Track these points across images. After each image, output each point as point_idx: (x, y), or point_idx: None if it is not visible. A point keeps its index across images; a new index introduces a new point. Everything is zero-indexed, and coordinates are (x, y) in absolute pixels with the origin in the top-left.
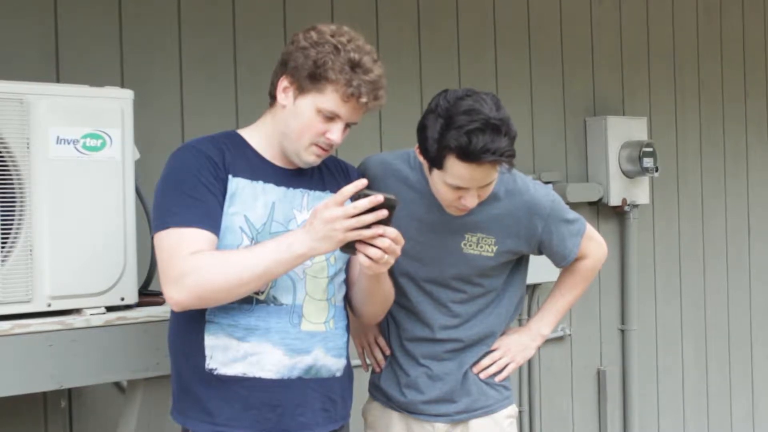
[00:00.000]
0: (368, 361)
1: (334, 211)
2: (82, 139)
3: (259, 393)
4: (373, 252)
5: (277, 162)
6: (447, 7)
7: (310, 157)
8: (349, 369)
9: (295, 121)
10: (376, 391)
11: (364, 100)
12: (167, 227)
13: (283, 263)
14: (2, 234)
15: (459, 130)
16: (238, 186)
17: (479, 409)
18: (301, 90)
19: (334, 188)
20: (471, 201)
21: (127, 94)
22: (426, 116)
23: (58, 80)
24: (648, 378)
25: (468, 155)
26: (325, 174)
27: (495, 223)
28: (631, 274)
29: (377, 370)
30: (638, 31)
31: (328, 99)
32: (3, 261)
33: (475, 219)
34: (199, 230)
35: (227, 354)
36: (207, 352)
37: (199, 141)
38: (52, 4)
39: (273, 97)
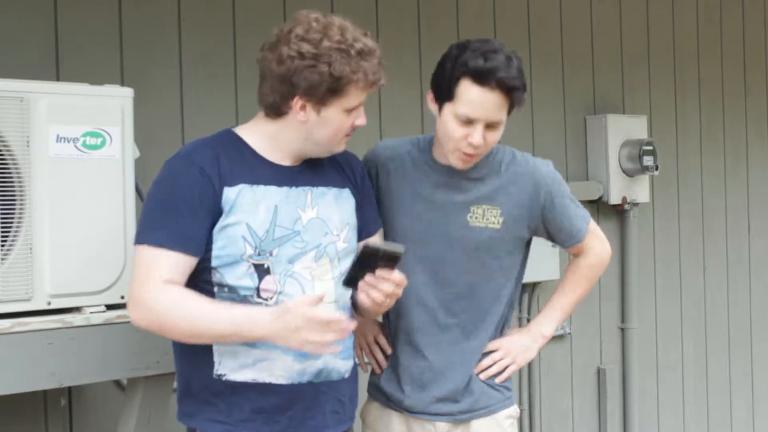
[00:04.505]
0: (366, 361)
1: (297, 320)
2: (82, 137)
3: (269, 397)
4: (375, 295)
5: (278, 160)
6: (447, 5)
7: (342, 147)
8: (355, 369)
9: (325, 129)
10: (375, 391)
11: (381, 80)
12: (141, 243)
13: (240, 337)
14: (2, 232)
15: (475, 52)
16: (238, 193)
17: (481, 408)
18: (323, 103)
19: (338, 182)
20: (477, 138)
21: (127, 93)
22: (442, 59)
23: (58, 78)
24: (648, 376)
25: (483, 74)
26: (327, 168)
27: (499, 193)
28: (631, 272)
29: (378, 371)
30: (638, 30)
31: (352, 97)
32: (3, 259)
33: (479, 192)
34: (172, 253)
35: (236, 360)
36: (216, 359)
37: (195, 148)
38: (52, 2)
39: (279, 112)
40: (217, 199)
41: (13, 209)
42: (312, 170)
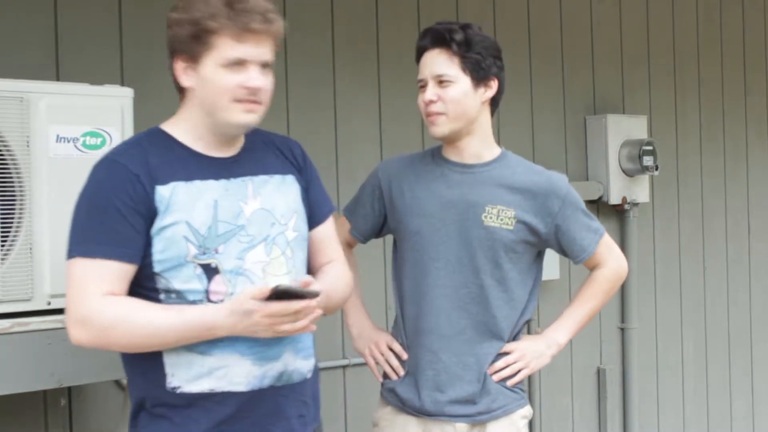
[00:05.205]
0: (376, 363)
1: (264, 320)
2: (81, 137)
3: (227, 407)
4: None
5: (212, 152)
6: (447, 6)
7: (241, 117)
8: (317, 367)
9: (209, 90)
10: (390, 395)
11: (255, 26)
12: (73, 257)
13: (199, 338)
14: (2, 232)
15: None
16: (173, 192)
17: (498, 408)
18: (196, 59)
19: (280, 169)
20: (428, 94)
21: (126, 93)
22: None
23: (58, 78)
24: (648, 376)
25: (423, 38)
26: (267, 155)
27: (514, 195)
28: (631, 272)
29: (394, 377)
30: (638, 29)
31: (223, 48)
32: (3, 259)
33: (495, 193)
34: (108, 262)
35: (191, 371)
36: (168, 370)
37: (121, 151)
38: (52, 2)
39: (180, 89)
40: (150, 199)
41: (13, 209)
42: (251, 159)
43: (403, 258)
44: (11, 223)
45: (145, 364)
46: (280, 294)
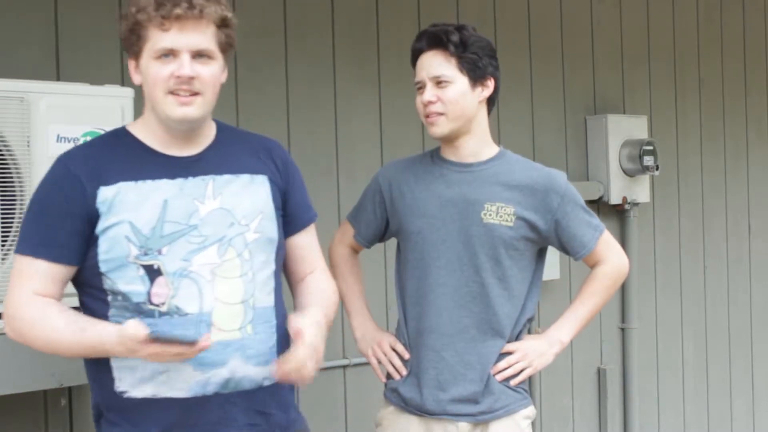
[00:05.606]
0: (379, 364)
1: (149, 356)
2: (82, 137)
3: (172, 414)
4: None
5: (171, 151)
6: (447, 6)
7: (176, 110)
8: None
9: (147, 84)
10: (393, 395)
11: (177, 12)
12: (16, 253)
13: (99, 355)
14: (2, 232)
15: None
16: (118, 192)
17: (501, 408)
18: (138, 55)
19: (251, 168)
20: (427, 94)
21: (127, 93)
22: None
23: (58, 78)
24: (648, 376)
25: (419, 40)
26: (239, 154)
27: (512, 192)
28: (632, 272)
29: (397, 377)
30: (639, 29)
31: (153, 39)
32: (3, 259)
33: (493, 190)
34: (40, 261)
35: (135, 375)
36: (115, 374)
37: (71, 151)
38: (53, 2)
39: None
40: (90, 200)
41: (14, 209)
42: (217, 157)
43: (406, 259)
44: (11, 223)
45: (96, 368)
46: (160, 343)
